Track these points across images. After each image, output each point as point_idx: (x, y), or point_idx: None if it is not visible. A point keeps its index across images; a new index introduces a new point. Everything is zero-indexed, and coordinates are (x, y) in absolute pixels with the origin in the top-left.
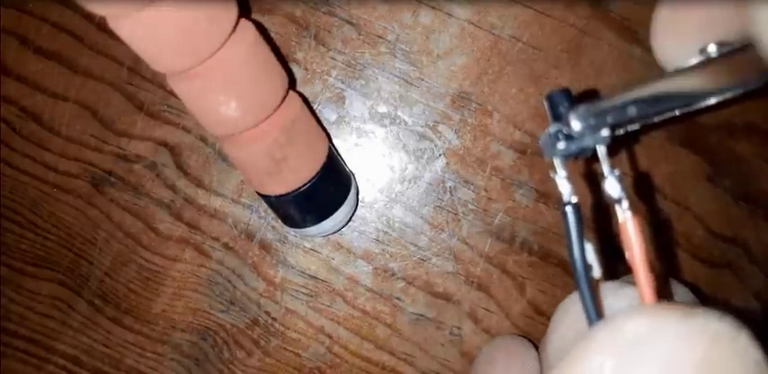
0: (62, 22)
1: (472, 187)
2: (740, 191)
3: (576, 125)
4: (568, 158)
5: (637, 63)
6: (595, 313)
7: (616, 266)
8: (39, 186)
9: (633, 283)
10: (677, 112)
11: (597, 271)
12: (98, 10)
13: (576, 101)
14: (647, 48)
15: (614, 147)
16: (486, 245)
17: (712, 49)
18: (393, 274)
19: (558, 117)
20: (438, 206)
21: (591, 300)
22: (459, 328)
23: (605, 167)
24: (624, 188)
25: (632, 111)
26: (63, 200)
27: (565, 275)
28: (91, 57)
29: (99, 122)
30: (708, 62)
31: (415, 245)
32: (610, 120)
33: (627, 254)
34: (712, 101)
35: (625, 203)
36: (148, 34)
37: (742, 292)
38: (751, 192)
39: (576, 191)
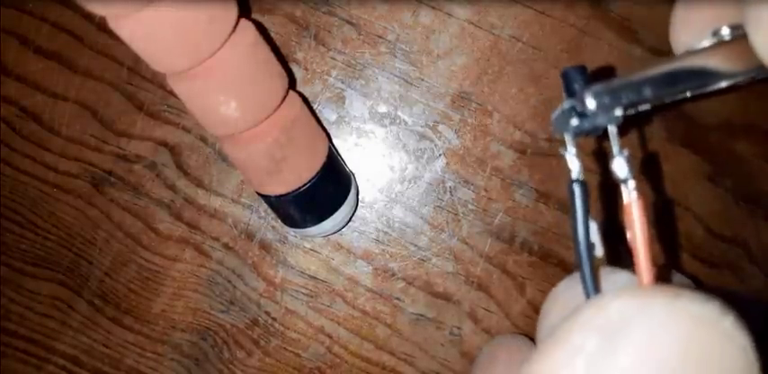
0: (62, 22)
1: (472, 187)
2: (740, 191)
3: (590, 103)
4: (579, 135)
5: (637, 63)
6: (595, 292)
7: (618, 249)
8: (39, 186)
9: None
10: (689, 94)
11: (600, 250)
12: (98, 10)
13: (591, 79)
14: (647, 48)
15: (622, 131)
16: (486, 245)
17: (726, 32)
18: (393, 274)
19: (572, 94)
20: (438, 206)
21: (591, 279)
22: (459, 328)
23: (615, 147)
24: (632, 169)
25: (647, 90)
26: (63, 200)
27: (565, 275)
28: (91, 57)
29: (99, 122)
30: (721, 44)
31: (415, 245)
32: (624, 99)
33: (628, 235)
34: (724, 84)
35: (631, 183)
36: (148, 34)
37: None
38: (751, 192)
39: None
